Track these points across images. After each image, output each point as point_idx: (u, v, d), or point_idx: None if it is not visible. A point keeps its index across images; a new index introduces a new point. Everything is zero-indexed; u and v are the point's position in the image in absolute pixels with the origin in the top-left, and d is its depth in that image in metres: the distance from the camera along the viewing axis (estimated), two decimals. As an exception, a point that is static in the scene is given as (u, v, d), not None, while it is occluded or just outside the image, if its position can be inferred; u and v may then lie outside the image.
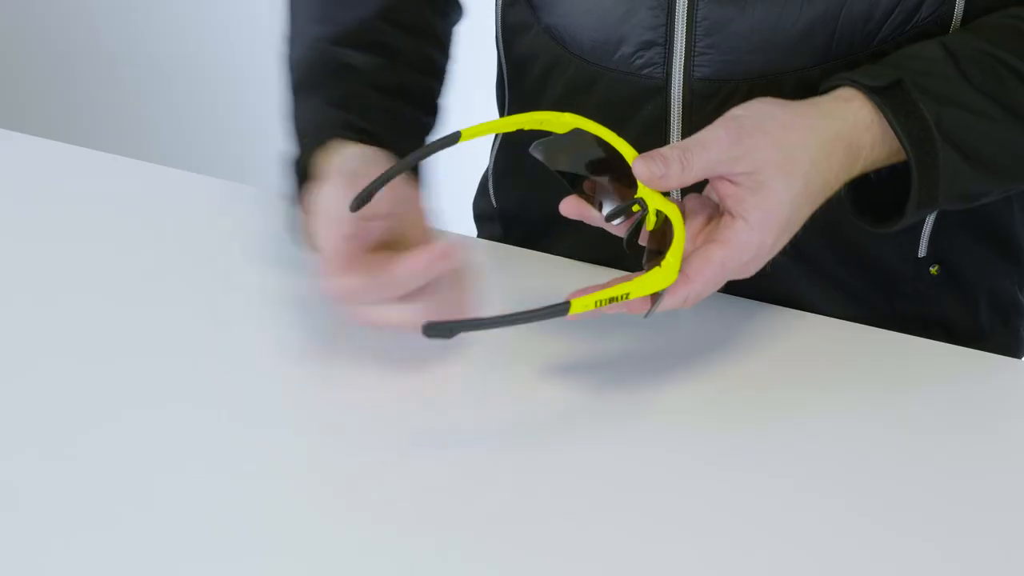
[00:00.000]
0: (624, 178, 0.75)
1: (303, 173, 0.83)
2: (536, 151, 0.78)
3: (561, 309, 0.70)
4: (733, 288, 0.89)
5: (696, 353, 0.83)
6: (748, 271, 0.77)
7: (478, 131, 0.76)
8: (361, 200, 0.77)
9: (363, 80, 0.91)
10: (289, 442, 0.75)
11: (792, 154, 0.75)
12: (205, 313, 0.87)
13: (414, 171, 0.85)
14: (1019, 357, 1.06)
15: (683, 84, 0.89)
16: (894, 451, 0.75)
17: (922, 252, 0.95)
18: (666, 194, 0.75)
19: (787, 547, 0.68)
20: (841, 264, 0.95)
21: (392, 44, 0.94)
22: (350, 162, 0.80)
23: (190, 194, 1.04)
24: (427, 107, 0.96)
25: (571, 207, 0.77)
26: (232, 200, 1.03)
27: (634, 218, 0.75)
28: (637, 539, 0.68)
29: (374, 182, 0.76)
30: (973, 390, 0.81)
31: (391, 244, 0.78)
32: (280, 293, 0.89)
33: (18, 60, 2.62)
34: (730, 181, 0.74)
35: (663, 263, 0.72)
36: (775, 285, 0.92)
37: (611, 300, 0.72)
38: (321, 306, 0.87)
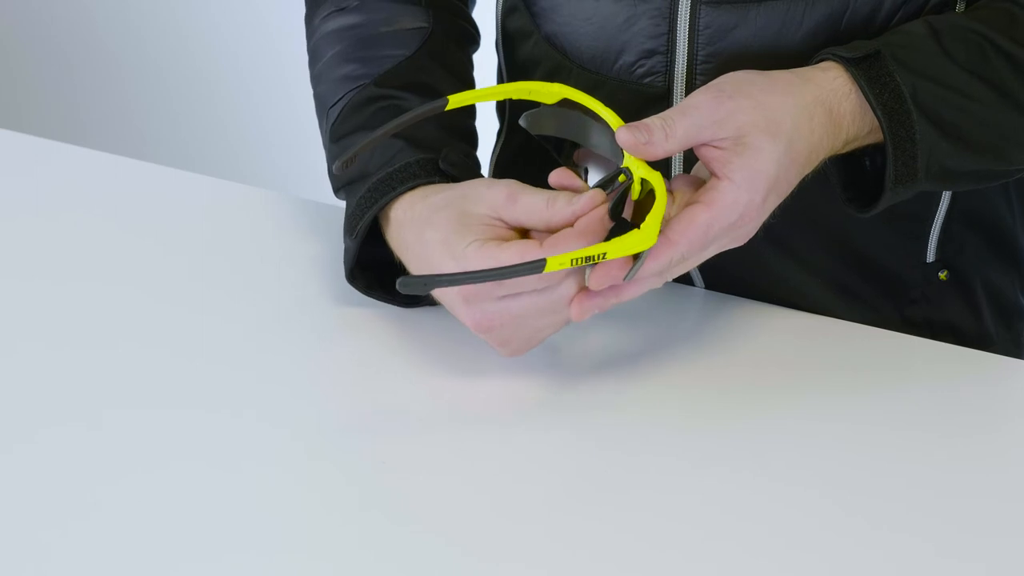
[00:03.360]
0: (612, 148, 0.76)
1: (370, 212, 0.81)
2: (524, 122, 0.78)
3: (537, 266, 0.70)
4: (741, 290, 0.90)
5: (701, 353, 0.83)
6: (739, 236, 0.77)
7: (466, 98, 0.77)
8: (347, 162, 0.78)
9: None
10: (289, 442, 0.75)
11: (774, 116, 0.76)
12: (204, 313, 0.87)
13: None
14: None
15: (685, 93, 0.88)
16: (896, 451, 0.75)
17: (930, 258, 0.95)
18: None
19: (788, 547, 0.68)
20: (851, 270, 0.95)
21: (438, 88, 0.89)
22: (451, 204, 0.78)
23: (190, 194, 1.04)
24: (473, 145, 0.91)
25: (559, 177, 0.76)
26: (232, 200, 1.03)
27: (619, 187, 0.75)
28: (638, 538, 0.68)
29: (362, 145, 0.77)
30: (976, 391, 0.82)
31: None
32: (279, 293, 0.89)
33: (18, 60, 2.62)
34: (715, 147, 0.75)
35: (642, 225, 0.72)
36: (784, 290, 0.92)
37: (587, 259, 0.70)
38: (319, 306, 0.87)
